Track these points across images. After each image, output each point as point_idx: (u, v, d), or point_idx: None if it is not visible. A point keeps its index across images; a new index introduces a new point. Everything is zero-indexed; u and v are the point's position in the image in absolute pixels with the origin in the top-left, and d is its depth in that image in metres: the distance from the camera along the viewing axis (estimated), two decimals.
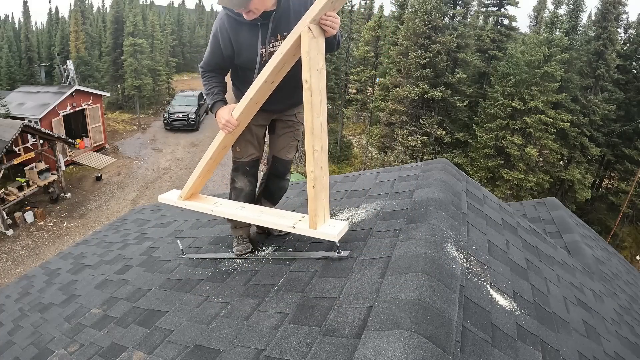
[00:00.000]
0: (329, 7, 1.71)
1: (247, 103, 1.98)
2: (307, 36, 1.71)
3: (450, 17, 19.74)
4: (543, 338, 1.55)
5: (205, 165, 2.26)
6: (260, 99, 2.04)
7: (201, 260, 2.46)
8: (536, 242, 2.36)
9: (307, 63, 1.74)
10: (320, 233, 1.84)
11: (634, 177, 18.19)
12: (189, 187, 2.36)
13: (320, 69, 1.79)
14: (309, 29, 1.71)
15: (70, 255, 4.02)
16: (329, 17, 1.73)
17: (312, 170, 1.81)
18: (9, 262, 14.12)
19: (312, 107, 1.76)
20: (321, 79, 1.80)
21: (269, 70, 1.87)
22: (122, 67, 30.21)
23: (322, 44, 1.80)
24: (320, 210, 1.85)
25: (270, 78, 1.91)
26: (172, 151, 23.55)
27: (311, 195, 1.83)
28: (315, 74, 1.75)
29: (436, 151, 19.06)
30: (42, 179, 16.78)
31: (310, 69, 1.73)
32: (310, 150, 1.80)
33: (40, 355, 2.22)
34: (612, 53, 18.35)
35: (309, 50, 1.72)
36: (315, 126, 1.78)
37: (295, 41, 1.75)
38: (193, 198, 2.43)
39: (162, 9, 56.57)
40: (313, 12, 1.70)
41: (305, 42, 1.72)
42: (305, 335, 1.40)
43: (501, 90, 17.84)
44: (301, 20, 1.74)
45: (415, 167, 2.59)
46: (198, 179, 2.33)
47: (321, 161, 1.83)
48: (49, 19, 44.61)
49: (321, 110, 1.81)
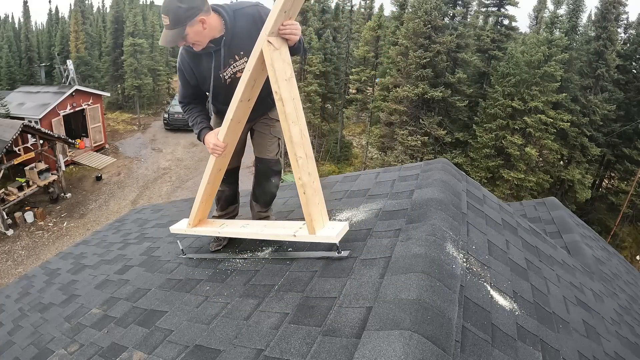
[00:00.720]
0: (283, 17, 1.73)
1: (229, 124, 2.02)
2: (268, 50, 1.74)
3: (450, 17, 19.73)
4: (543, 338, 1.55)
5: (204, 191, 2.30)
6: (241, 118, 2.07)
7: (201, 260, 2.46)
8: (536, 242, 2.36)
9: (274, 75, 1.76)
10: (319, 237, 1.85)
11: (634, 177, 18.19)
12: (195, 214, 2.42)
13: (289, 78, 1.80)
14: (268, 42, 1.74)
15: (70, 255, 4.02)
16: (287, 26, 1.76)
17: (299, 177, 1.82)
18: (9, 262, 14.12)
19: (286, 116, 1.77)
20: (292, 88, 1.81)
21: (241, 89, 1.91)
22: (122, 67, 30.23)
23: (286, 54, 1.82)
24: (316, 215, 1.85)
25: (246, 96, 1.95)
26: (172, 151, 23.56)
27: (303, 201, 1.83)
28: (283, 84, 1.77)
29: (436, 151, 19.06)
30: (42, 179, 16.79)
31: (277, 80, 1.76)
32: (294, 159, 1.81)
33: (40, 355, 2.22)
34: (612, 53, 18.35)
35: (273, 63, 1.75)
36: (294, 134, 1.79)
37: (259, 57, 1.78)
38: (201, 224, 2.50)
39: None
40: (269, 25, 1.72)
41: (268, 56, 1.75)
42: (305, 335, 1.40)
43: (501, 90, 17.84)
44: (260, 36, 1.77)
45: (415, 167, 2.59)
46: (201, 206, 2.39)
47: (308, 167, 1.84)
48: (49, 19, 44.63)
49: (297, 118, 1.82)
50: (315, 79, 23.02)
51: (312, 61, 22.94)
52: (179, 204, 4.50)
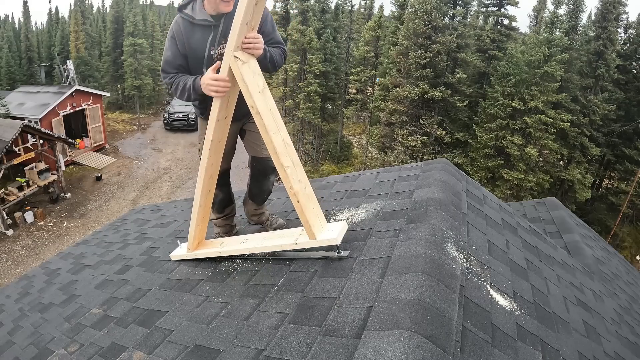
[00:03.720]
0: (246, 29, 1.72)
1: (210, 146, 2.00)
2: (236, 65, 1.74)
3: (450, 17, 19.72)
4: (543, 338, 1.55)
5: (197, 214, 2.27)
6: (222, 137, 2.05)
7: (201, 260, 2.46)
8: (536, 242, 2.36)
9: (247, 90, 1.75)
10: (320, 241, 1.84)
11: (634, 177, 18.18)
12: (193, 238, 2.39)
13: (262, 90, 1.79)
14: (235, 57, 1.73)
15: (70, 255, 4.02)
16: (249, 39, 1.76)
17: (290, 187, 1.81)
18: (9, 262, 14.12)
19: (266, 129, 1.76)
20: (267, 99, 1.80)
21: (216, 109, 1.89)
22: (122, 67, 30.21)
23: (255, 65, 1.82)
24: (314, 220, 1.85)
25: (222, 115, 1.94)
26: (172, 151, 23.55)
27: (299, 209, 1.82)
28: (258, 96, 1.76)
29: (436, 151, 19.05)
30: (42, 179, 16.79)
31: (251, 94, 1.75)
32: (281, 169, 1.80)
33: (40, 355, 2.22)
34: (612, 53, 18.34)
35: (243, 77, 1.74)
36: (277, 144, 1.77)
37: (228, 73, 1.78)
38: (200, 246, 2.47)
39: (162, 9, 56.61)
40: (233, 40, 1.72)
41: (237, 71, 1.75)
42: (305, 335, 1.40)
43: (501, 90, 17.83)
44: (225, 52, 1.77)
45: (416, 167, 2.59)
46: (197, 229, 2.36)
47: (296, 174, 1.82)
48: (49, 19, 44.61)
49: (278, 128, 1.80)
50: (315, 79, 23.02)
51: (312, 61, 22.93)
52: (179, 204, 4.50)
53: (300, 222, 1.87)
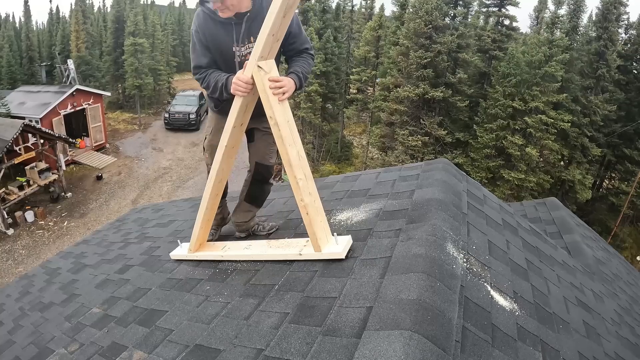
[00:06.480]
0: (272, 40, 1.71)
1: (223, 151, 2.00)
2: (259, 75, 1.73)
3: (451, 17, 19.72)
4: (543, 338, 1.54)
5: (203, 216, 2.28)
6: (235, 143, 2.06)
7: (201, 260, 2.46)
8: (537, 242, 2.36)
9: (267, 100, 1.75)
10: (326, 254, 1.84)
11: (635, 177, 18.16)
12: (195, 239, 2.40)
13: (282, 101, 1.80)
14: (259, 67, 1.72)
15: (71, 254, 4.02)
16: (274, 88, 1.76)
17: (301, 199, 1.82)
18: (9, 262, 14.13)
19: (283, 140, 1.77)
20: (285, 110, 1.81)
21: (233, 116, 1.89)
22: (122, 67, 30.20)
23: (277, 75, 1.81)
24: (321, 233, 1.85)
25: (238, 122, 1.94)
26: (173, 151, 23.55)
27: (307, 222, 1.83)
28: (277, 107, 1.76)
29: (437, 151, 19.04)
30: (42, 179, 16.79)
31: (272, 105, 1.75)
32: (294, 181, 1.80)
33: (40, 354, 2.22)
34: (612, 53, 18.32)
35: (265, 88, 1.74)
36: (292, 157, 1.78)
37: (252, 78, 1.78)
38: (202, 248, 2.47)
39: (162, 9, 56.59)
40: (258, 50, 1.71)
41: (259, 81, 1.74)
42: (305, 335, 1.40)
43: (502, 90, 17.83)
44: (249, 61, 1.76)
45: (416, 167, 2.59)
46: (201, 230, 2.37)
47: (308, 187, 1.83)
48: (50, 18, 44.65)
49: (294, 140, 1.81)
50: (315, 79, 23.00)
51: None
52: (179, 203, 4.50)
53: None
